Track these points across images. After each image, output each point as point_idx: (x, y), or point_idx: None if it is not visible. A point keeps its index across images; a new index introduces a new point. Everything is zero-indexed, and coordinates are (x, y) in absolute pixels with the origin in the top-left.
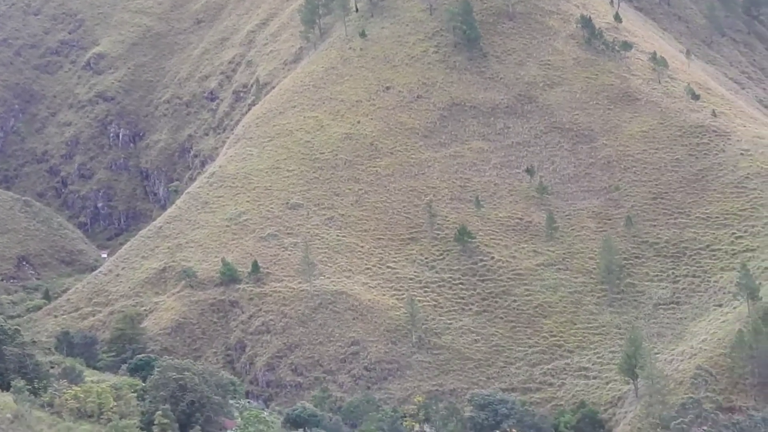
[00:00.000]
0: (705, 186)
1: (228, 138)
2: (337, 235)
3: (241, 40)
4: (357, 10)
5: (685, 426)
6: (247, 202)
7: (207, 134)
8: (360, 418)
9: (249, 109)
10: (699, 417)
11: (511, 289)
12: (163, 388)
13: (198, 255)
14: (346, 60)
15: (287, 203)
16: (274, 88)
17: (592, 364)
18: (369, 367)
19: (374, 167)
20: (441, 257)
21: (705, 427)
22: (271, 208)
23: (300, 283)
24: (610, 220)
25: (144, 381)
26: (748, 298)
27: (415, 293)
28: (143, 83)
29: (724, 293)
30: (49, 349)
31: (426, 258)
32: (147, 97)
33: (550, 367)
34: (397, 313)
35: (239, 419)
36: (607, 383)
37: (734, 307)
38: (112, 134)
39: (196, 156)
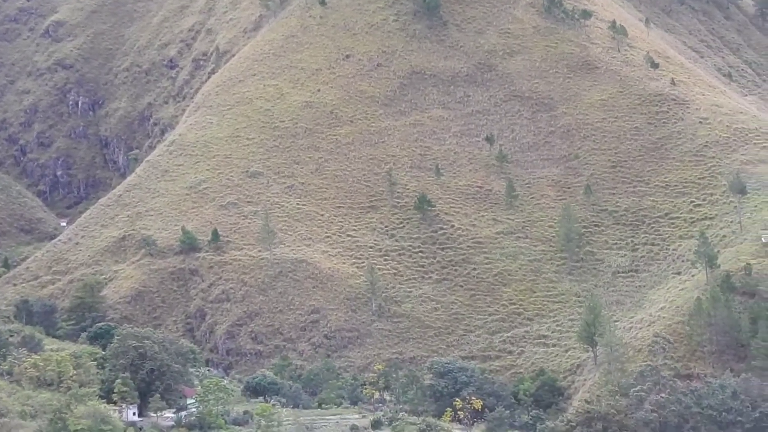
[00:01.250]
0: (664, 154)
1: (188, 106)
2: (297, 204)
3: (201, 8)
4: None
5: (643, 393)
6: (207, 170)
7: (167, 102)
8: (320, 386)
9: (209, 78)
10: (657, 384)
11: (470, 257)
12: (122, 357)
13: (158, 223)
14: (305, 28)
15: (247, 171)
16: (233, 56)
17: (552, 332)
18: (329, 335)
19: (334, 135)
20: (401, 225)
21: (663, 394)
22: (231, 176)
23: (260, 251)
24: (569, 188)
25: (104, 349)
26: (706, 266)
27: (375, 261)
28: (102, 51)
29: (682, 261)
30: (8, 317)
31: (386, 226)
32: (106, 65)
33: (509, 335)
34: (357, 281)
35: (199, 387)
36: (567, 351)
37: (693, 275)
38: (71, 102)
39: (155, 124)
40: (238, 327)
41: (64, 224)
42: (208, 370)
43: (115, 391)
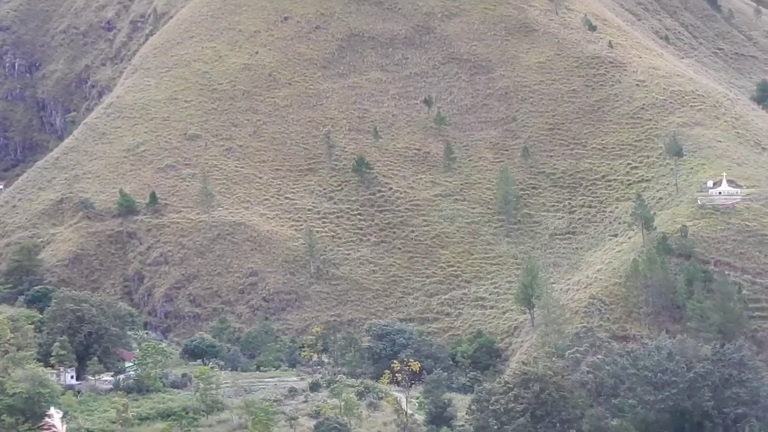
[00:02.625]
0: (601, 117)
1: (125, 68)
2: (236, 166)
3: None
4: None
5: (579, 355)
6: (145, 132)
7: (104, 64)
8: (258, 349)
9: (146, 40)
10: (593, 346)
11: (408, 219)
12: (60, 320)
13: (95, 186)
14: None
15: (185, 134)
16: (171, 18)
17: (489, 294)
18: (267, 298)
19: (272, 98)
20: (339, 188)
21: (599, 356)
22: (169, 138)
23: (198, 214)
24: (507, 150)
25: (41, 313)
26: (642, 228)
27: (314, 224)
28: (39, 12)
29: (619, 223)
30: None
31: (324, 189)
32: (43, 27)
33: (447, 297)
34: (296, 243)
35: (137, 350)
36: (504, 313)
37: (629, 237)
38: (7, 64)
39: (93, 86)
40: (177, 290)
41: (0, 187)
42: (147, 333)
43: (53, 354)
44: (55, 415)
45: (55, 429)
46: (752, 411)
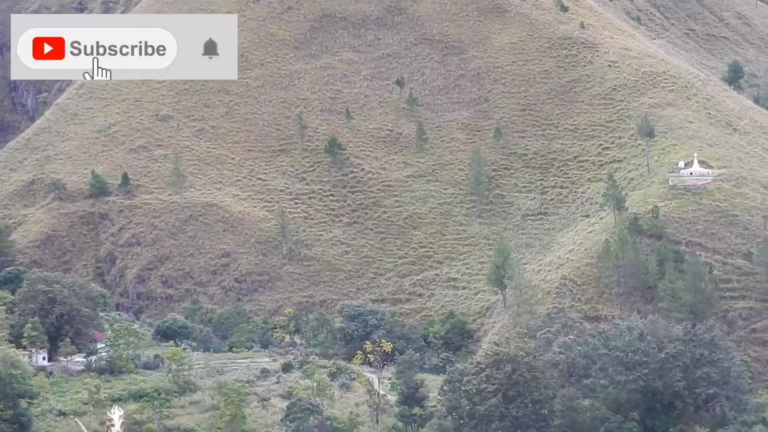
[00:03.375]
0: (573, 98)
1: None
2: (208, 147)
3: None
4: None
5: (551, 335)
6: (117, 113)
7: None
8: (231, 330)
9: None
10: (565, 326)
11: (381, 200)
12: (32, 301)
13: (67, 167)
14: None
15: (157, 115)
16: None
17: (461, 275)
18: (239, 279)
19: (245, 79)
20: (311, 169)
21: (571, 336)
22: (141, 119)
23: (170, 195)
24: (479, 131)
25: (13, 294)
26: (614, 209)
27: (286, 205)
28: None
29: (591, 204)
30: None
31: (296, 170)
32: (15, 7)
33: (419, 278)
34: (268, 224)
35: (109, 331)
36: (476, 294)
37: (601, 218)
38: None
39: None
40: (149, 271)
41: None
42: (119, 315)
43: (25, 335)
44: (116, 413)
45: (113, 426)
46: (723, 391)
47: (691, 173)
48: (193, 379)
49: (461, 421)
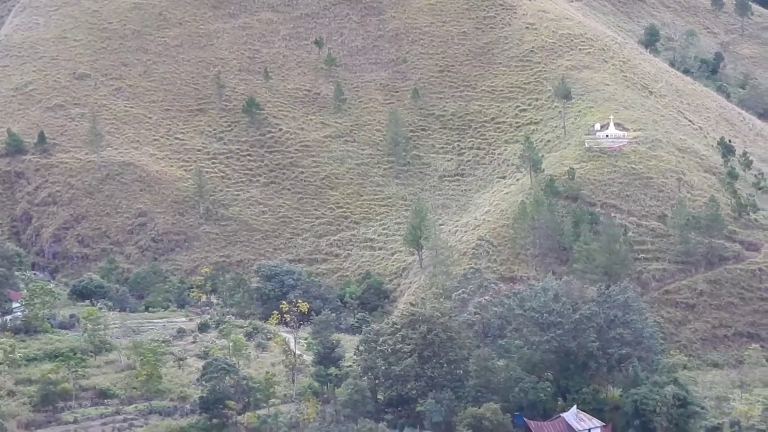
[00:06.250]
0: (491, 59)
1: (13, 6)
2: (125, 106)
3: None
4: None
5: (467, 296)
6: (34, 72)
7: None
8: (147, 289)
9: None
10: (480, 287)
11: (298, 160)
12: None
13: None
14: None
15: (74, 73)
16: None
17: (378, 236)
18: (156, 239)
19: (163, 38)
20: (229, 128)
21: (486, 297)
22: (58, 78)
23: (87, 154)
24: (397, 92)
25: None
26: (530, 170)
27: (203, 164)
28: None
29: (507, 165)
30: None
31: (214, 129)
32: None
33: (336, 238)
34: (185, 184)
35: (25, 291)
36: (393, 254)
37: (517, 179)
38: None
39: None
40: (65, 230)
41: None
42: (34, 274)
43: None
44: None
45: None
46: (635, 351)
47: (606, 135)
48: (109, 339)
49: (377, 381)
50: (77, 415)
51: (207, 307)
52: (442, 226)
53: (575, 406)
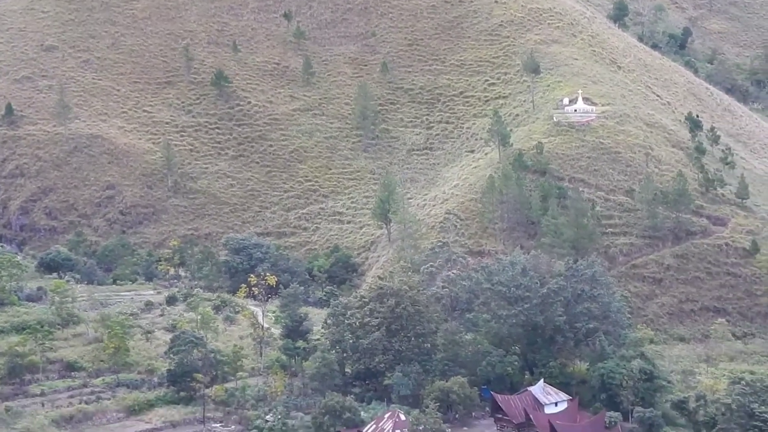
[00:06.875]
0: (460, 33)
1: None
2: (93, 78)
3: None
4: None
5: (435, 269)
6: (1, 43)
7: None
8: (115, 262)
9: None
10: (449, 261)
11: (267, 134)
12: None
13: None
14: None
15: (42, 45)
16: None
17: (347, 209)
18: (124, 212)
19: (131, 10)
20: (198, 101)
21: (454, 271)
22: (26, 49)
23: (55, 126)
24: (366, 66)
25: None
26: (499, 145)
27: (172, 137)
28: None
29: (476, 139)
30: None
31: (182, 102)
32: None
33: (304, 211)
34: (153, 157)
35: None
36: (361, 228)
37: (486, 153)
38: None
39: None
40: (32, 203)
41: None
42: (1, 246)
43: None
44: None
45: None
46: (602, 326)
47: (575, 110)
48: (77, 312)
49: (345, 355)
50: (44, 387)
51: (175, 280)
52: (410, 200)
53: (542, 380)
